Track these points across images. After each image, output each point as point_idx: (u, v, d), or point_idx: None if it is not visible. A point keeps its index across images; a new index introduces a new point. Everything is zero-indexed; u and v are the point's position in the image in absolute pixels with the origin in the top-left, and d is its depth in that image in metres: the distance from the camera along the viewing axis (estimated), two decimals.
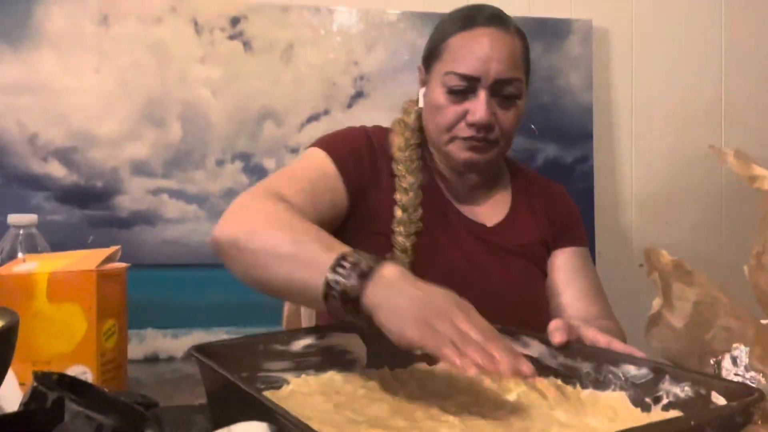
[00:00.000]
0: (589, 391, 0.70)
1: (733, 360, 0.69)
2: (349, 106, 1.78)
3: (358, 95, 1.79)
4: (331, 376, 0.75)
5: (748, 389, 0.58)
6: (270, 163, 1.74)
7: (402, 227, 1.03)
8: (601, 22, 1.94)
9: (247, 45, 1.74)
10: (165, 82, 1.70)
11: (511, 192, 1.16)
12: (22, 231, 0.95)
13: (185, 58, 1.71)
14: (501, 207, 1.13)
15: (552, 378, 0.73)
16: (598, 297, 1.11)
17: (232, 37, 1.73)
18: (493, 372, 0.59)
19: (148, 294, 1.62)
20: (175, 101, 1.70)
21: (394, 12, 1.81)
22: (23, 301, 0.75)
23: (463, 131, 1.03)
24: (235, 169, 1.73)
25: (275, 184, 0.94)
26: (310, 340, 0.77)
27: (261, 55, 1.74)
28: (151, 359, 1.65)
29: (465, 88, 1.01)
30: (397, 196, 1.05)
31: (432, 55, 1.08)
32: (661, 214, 1.98)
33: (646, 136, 1.98)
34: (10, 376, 0.63)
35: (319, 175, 1.00)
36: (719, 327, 0.72)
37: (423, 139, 1.11)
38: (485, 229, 1.10)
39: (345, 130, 1.10)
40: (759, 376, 0.66)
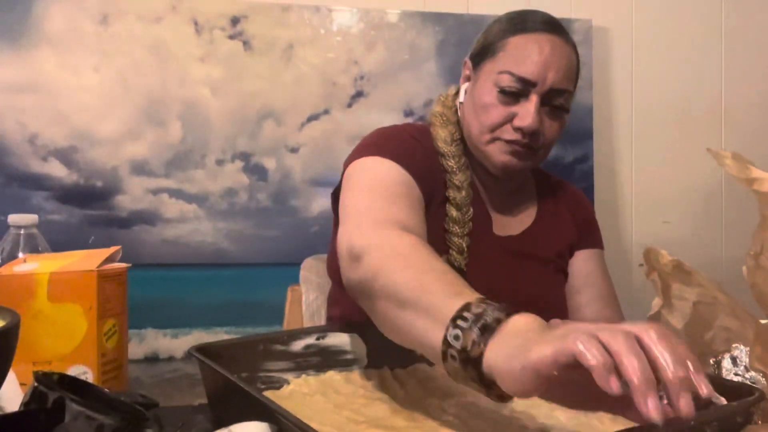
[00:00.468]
0: None
1: (733, 360, 0.69)
2: (349, 105, 1.78)
3: (358, 95, 1.79)
4: (331, 376, 0.76)
5: (748, 389, 0.58)
6: (270, 163, 1.74)
7: (456, 226, 0.99)
8: (601, 22, 1.94)
9: (247, 44, 1.74)
10: (165, 82, 1.70)
11: (536, 197, 1.14)
12: (22, 231, 0.95)
13: (185, 58, 1.71)
14: (528, 213, 1.11)
15: None
16: (612, 301, 1.11)
17: (232, 37, 1.73)
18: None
19: (148, 294, 1.62)
20: (175, 101, 1.70)
21: (394, 11, 1.81)
22: (24, 302, 0.75)
23: (507, 134, 0.99)
24: (235, 168, 1.73)
25: (381, 209, 0.85)
26: (310, 340, 0.77)
27: (261, 55, 1.74)
28: (151, 359, 1.66)
29: (518, 91, 0.98)
30: (450, 193, 1.01)
31: (485, 52, 1.03)
32: (661, 214, 1.98)
33: (646, 136, 1.98)
34: (11, 377, 0.63)
35: (407, 189, 0.93)
36: (719, 327, 0.72)
37: (463, 134, 1.06)
38: (513, 237, 1.08)
39: (390, 132, 1.04)
40: (759, 376, 0.66)
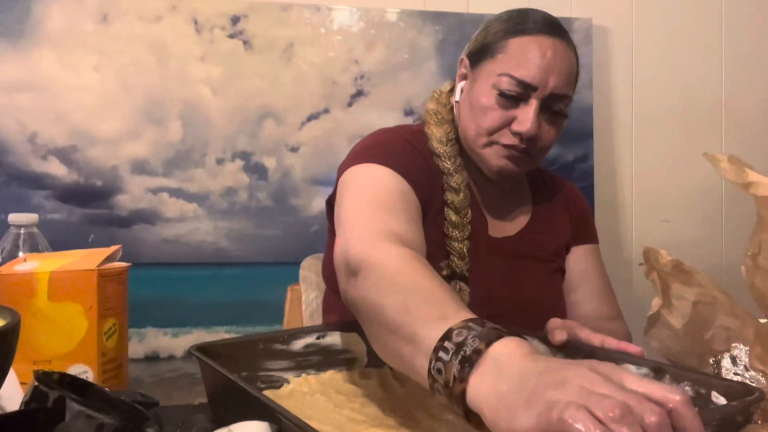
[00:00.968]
0: None
1: (733, 359, 0.69)
2: (349, 104, 1.78)
3: (359, 94, 1.79)
4: (331, 375, 0.76)
5: (748, 389, 0.58)
6: (270, 162, 1.74)
7: (456, 231, 0.97)
8: (601, 22, 1.94)
9: (247, 44, 1.74)
10: (165, 81, 1.70)
11: (530, 196, 1.13)
12: (22, 230, 0.95)
13: (185, 57, 1.71)
14: (523, 214, 1.10)
15: None
16: (609, 297, 1.11)
17: (232, 36, 1.73)
18: None
19: (148, 293, 1.62)
20: (175, 100, 1.70)
21: (393, 10, 1.81)
22: (24, 301, 0.76)
23: (505, 138, 0.97)
24: (235, 167, 1.73)
25: (377, 220, 0.83)
26: (310, 340, 0.77)
27: (261, 54, 1.74)
28: (152, 358, 1.66)
29: (517, 95, 0.95)
30: (448, 197, 0.98)
31: (484, 52, 1.01)
32: (661, 213, 1.98)
33: (646, 135, 1.98)
34: (12, 376, 0.63)
35: (403, 197, 0.91)
36: (718, 327, 0.72)
37: (458, 134, 1.04)
38: (509, 238, 1.07)
39: (384, 137, 1.01)
40: (759, 376, 0.66)
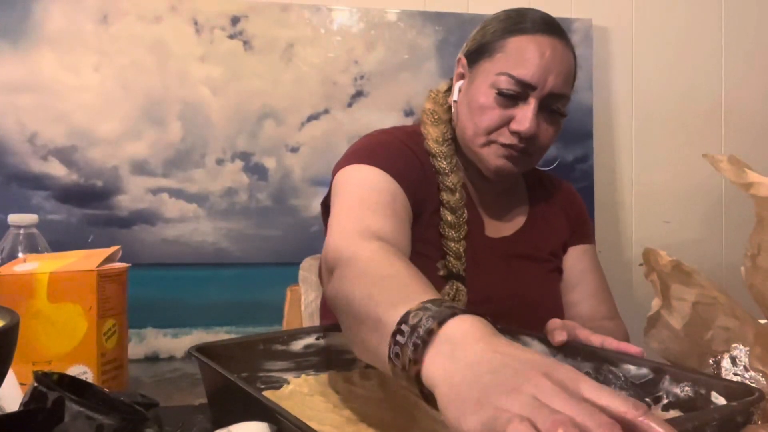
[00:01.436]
0: None
1: (732, 360, 0.69)
2: (349, 105, 1.78)
3: (358, 94, 1.79)
4: (331, 375, 0.76)
5: (748, 389, 0.58)
6: (270, 163, 1.74)
7: (452, 231, 0.98)
8: (601, 22, 1.94)
9: (247, 44, 1.74)
10: (165, 81, 1.70)
11: (527, 196, 1.13)
12: (22, 231, 0.95)
13: (185, 57, 1.71)
14: (520, 214, 1.10)
15: None
16: (607, 296, 1.11)
17: (232, 36, 1.73)
18: None
19: (148, 293, 1.62)
20: (174, 100, 1.70)
21: (393, 11, 1.81)
22: (24, 301, 0.75)
23: (504, 137, 0.97)
24: (235, 168, 1.73)
25: (360, 219, 0.84)
26: (310, 340, 0.77)
27: (261, 54, 1.74)
28: (152, 359, 1.66)
29: (516, 94, 0.95)
30: (443, 197, 0.99)
31: (482, 51, 1.01)
32: (661, 213, 1.98)
33: (646, 136, 1.98)
34: (11, 376, 0.63)
35: (391, 197, 0.91)
36: (718, 327, 0.72)
37: (455, 133, 1.05)
38: (506, 238, 1.06)
39: (378, 139, 1.01)
40: (759, 376, 0.66)
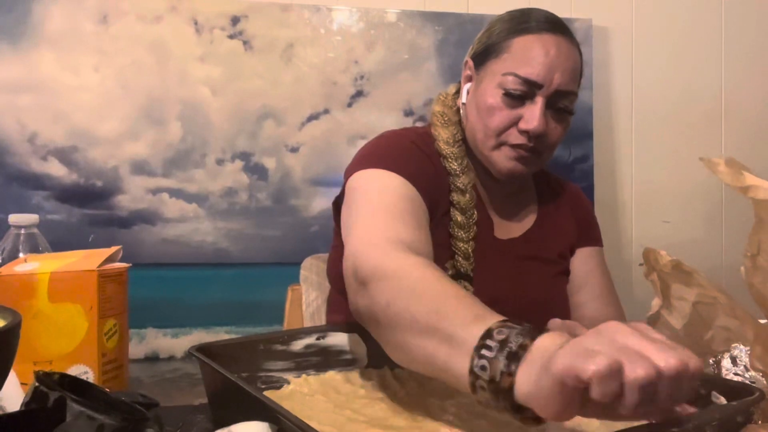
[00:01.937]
0: None
1: (733, 360, 0.69)
2: (349, 105, 1.78)
3: (358, 94, 1.79)
4: (331, 376, 0.76)
5: (748, 389, 0.58)
6: (270, 163, 1.74)
7: (462, 231, 0.98)
8: (601, 22, 1.94)
9: (247, 44, 1.74)
10: (165, 81, 1.70)
11: (536, 198, 1.12)
12: (23, 231, 0.95)
13: (185, 57, 1.71)
14: (529, 215, 1.10)
15: None
16: (613, 298, 1.11)
17: (232, 36, 1.73)
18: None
19: (148, 293, 1.62)
20: (174, 100, 1.70)
21: (393, 11, 1.81)
22: (24, 301, 0.76)
23: (513, 137, 0.97)
24: (235, 168, 1.73)
25: (387, 228, 0.83)
26: (310, 340, 0.77)
27: (261, 54, 1.74)
28: (152, 359, 1.66)
29: (523, 93, 0.96)
30: (454, 197, 0.99)
31: (488, 52, 1.01)
32: (661, 213, 1.98)
33: (646, 136, 1.98)
34: (12, 376, 0.63)
35: (411, 204, 0.91)
36: (718, 327, 0.72)
37: (464, 135, 1.05)
38: (515, 240, 1.06)
39: (391, 141, 1.01)
40: (759, 376, 0.66)
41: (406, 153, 0.98)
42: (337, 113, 1.78)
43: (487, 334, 0.52)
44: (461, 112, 1.06)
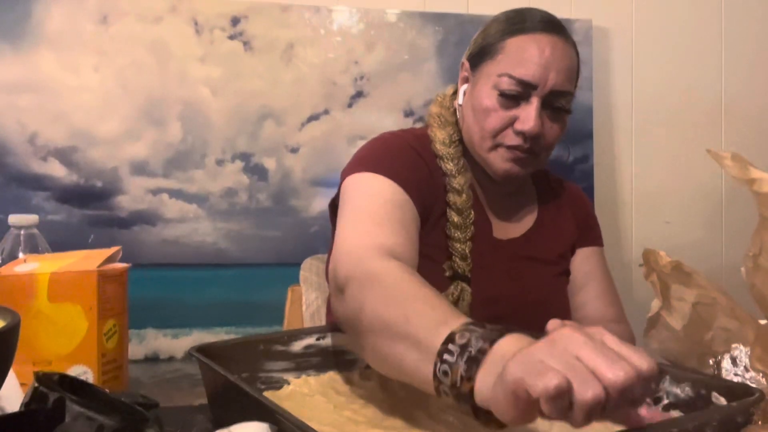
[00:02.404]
0: None
1: (733, 360, 0.69)
2: (349, 105, 1.78)
3: (358, 95, 1.79)
4: (331, 376, 0.76)
5: (748, 389, 0.58)
6: (270, 163, 1.74)
7: (458, 232, 0.98)
8: (601, 22, 1.94)
9: (247, 45, 1.74)
10: (165, 82, 1.70)
11: (536, 198, 1.12)
12: (23, 231, 0.95)
13: (185, 58, 1.71)
14: (529, 215, 1.10)
15: None
16: (613, 299, 1.11)
17: (232, 37, 1.73)
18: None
19: (148, 294, 1.62)
20: (174, 101, 1.70)
21: (393, 11, 1.81)
22: (24, 302, 0.75)
23: (509, 139, 0.97)
24: (235, 168, 1.73)
25: (370, 234, 0.83)
26: (310, 341, 0.77)
27: (261, 55, 1.74)
28: (152, 359, 1.66)
29: (518, 94, 0.96)
30: (450, 198, 0.99)
31: (483, 54, 1.01)
32: (661, 214, 1.98)
33: (646, 136, 1.98)
34: (11, 377, 0.63)
35: (400, 210, 0.91)
36: (718, 328, 0.72)
37: (461, 135, 1.05)
38: (515, 240, 1.06)
39: (387, 143, 1.01)
40: (759, 377, 0.66)
41: (401, 156, 0.98)
42: (337, 114, 1.78)
43: (450, 339, 0.53)
44: (458, 113, 1.06)
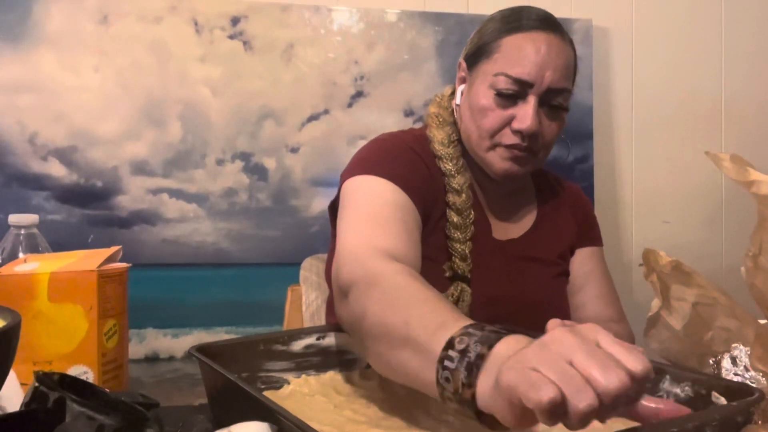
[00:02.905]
0: None
1: (733, 360, 0.69)
2: (349, 105, 1.78)
3: (358, 94, 1.79)
4: (331, 376, 0.76)
5: (748, 389, 0.58)
6: (270, 163, 1.74)
7: (458, 232, 0.98)
8: (601, 22, 1.94)
9: (247, 44, 1.74)
10: (165, 82, 1.70)
11: (536, 198, 1.12)
12: (23, 231, 0.95)
13: (185, 58, 1.71)
14: (528, 216, 1.10)
15: None
16: (613, 299, 1.11)
17: (232, 37, 1.73)
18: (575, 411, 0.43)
19: (148, 294, 1.62)
20: (175, 100, 1.70)
21: (393, 11, 1.81)
22: (24, 302, 0.76)
23: (507, 138, 0.97)
24: (235, 168, 1.73)
25: (372, 237, 0.83)
26: (310, 340, 0.77)
27: (261, 55, 1.74)
28: (152, 359, 1.66)
29: (515, 93, 0.95)
30: (450, 198, 0.99)
31: (479, 53, 1.01)
32: (661, 213, 1.98)
33: (646, 136, 1.98)
34: (12, 377, 0.63)
35: (401, 212, 0.91)
36: (718, 328, 0.72)
37: (460, 135, 1.04)
38: (514, 241, 1.06)
39: (387, 145, 1.00)
40: (759, 376, 0.66)
41: (400, 157, 0.98)
42: (337, 113, 1.78)
43: (449, 344, 0.53)
44: (455, 114, 1.05)
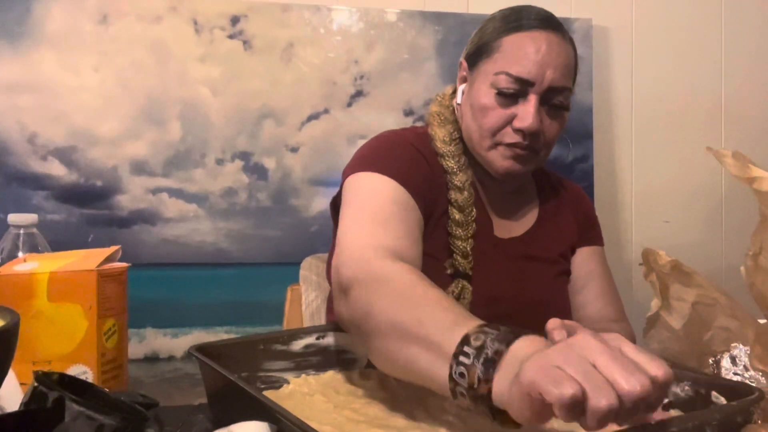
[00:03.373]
0: None
1: (732, 359, 0.69)
2: (348, 105, 1.78)
3: (358, 94, 1.79)
4: (331, 375, 0.76)
5: (748, 388, 0.58)
6: (270, 163, 1.74)
7: (460, 229, 0.98)
8: (601, 22, 1.94)
9: (246, 44, 1.74)
10: (165, 81, 1.70)
11: (537, 197, 1.12)
12: (22, 231, 0.95)
13: (185, 57, 1.71)
14: (530, 214, 1.10)
15: None
16: (614, 298, 1.11)
17: (231, 36, 1.73)
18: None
19: (148, 293, 1.62)
20: (174, 100, 1.70)
21: (393, 11, 1.81)
22: (24, 301, 0.75)
23: (508, 137, 0.97)
24: (235, 168, 1.73)
25: (373, 235, 0.83)
26: (310, 340, 0.77)
27: (261, 54, 1.74)
28: (151, 359, 1.66)
29: (516, 92, 0.96)
30: (452, 195, 0.99)
31: (480, 52, 1.01)
32: (661, 213, 1.98)
33: (646, 136, 1.98)
34: (11, 376, 0.63)
35: (403, 210, 0.91)
36: (718, 328, 0.72)
37: (461, 134, 1.05)
38: (516, 239, 1.06)
39: (389, 142, 1.00)
40: (759, 376, 0.66)
41: (402, 155, 0.98)
42: (337, 113, 1.78)
43: (465, 341, 0.53)
44: (456, 113, 1.06)
